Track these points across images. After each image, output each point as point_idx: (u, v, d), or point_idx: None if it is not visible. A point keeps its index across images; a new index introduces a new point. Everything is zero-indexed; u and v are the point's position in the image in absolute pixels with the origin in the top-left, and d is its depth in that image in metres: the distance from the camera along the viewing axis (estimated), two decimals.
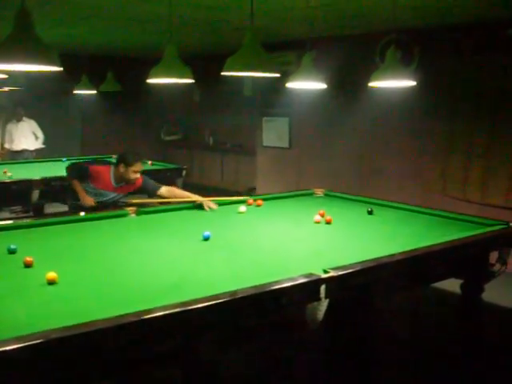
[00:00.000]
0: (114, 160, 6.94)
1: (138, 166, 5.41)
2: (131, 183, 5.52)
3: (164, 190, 5.46)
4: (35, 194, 6.70)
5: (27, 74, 8.35)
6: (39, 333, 2.14)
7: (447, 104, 7.02)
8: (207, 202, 5.05)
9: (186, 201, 5.15)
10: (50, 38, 8.18)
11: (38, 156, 10.16)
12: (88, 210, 5.23)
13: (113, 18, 6.71)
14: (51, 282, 2.87)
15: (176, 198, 5.31)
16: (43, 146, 10.44)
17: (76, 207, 5.54)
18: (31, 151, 10.43)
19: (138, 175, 5.44)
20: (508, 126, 6.45)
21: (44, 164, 8.69)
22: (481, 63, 6.59)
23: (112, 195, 5.57)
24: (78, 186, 5.53)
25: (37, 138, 10.51)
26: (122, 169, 5.39)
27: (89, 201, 5.47)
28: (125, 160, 5.39)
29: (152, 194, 5.68)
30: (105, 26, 7.34)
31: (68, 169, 5.73)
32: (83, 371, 2.27)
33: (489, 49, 6.52)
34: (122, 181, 5.49)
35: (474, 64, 6.66)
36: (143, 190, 5.72)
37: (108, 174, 5.52)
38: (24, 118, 10.42)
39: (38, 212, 7.21)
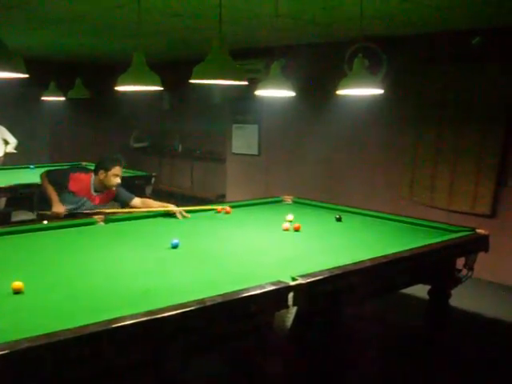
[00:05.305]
0: (89, 166, 6.82)
1: (118, 170, 5.27)
2: (112, 189, 5.36)
3: (138, 201, 5.36)
4: (2, 202, 6.61)
5: None
6: (6, 343, 2.10)
7: (415, 111, 7.10)
8: (181, 211, 5.03)
9: (161, 210, 5.10)
10: (17, 45, 8.11)
11: (7, 163, 9.85)
12: (53, 219, 5.04)
13: (81, 25, 6.67)
14: (17, 292, 2.83)
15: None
16: (15, 151, 10.11)
17: (42, 217, 5.29)
18: None
19: (119, 179, 5.29)
20: (474, 133, 6.54)
21: (11, 171, 8.57)
22: (447, 72, 6.69)
23: (89, 204, 5.41)
24: (52, 192, 5.33)
25: (7, 143, 10.17)
26: (101, 175, 5.26)
27: (60, 209, 5.26)
28: (103, 165, 5.27)
29: (125, 203, 5.50)
30: (72, 32, 7.29)
31: (44, 175, 5.51)
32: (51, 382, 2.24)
33: (455, 58, 6.62)
34: (103, 188, 5.35)
35: (440, 72, 6.76)
36: (116, 199, 5.59)
37: (89, 182, 5.37)
38: None
39: (5, 220, 7.12)
